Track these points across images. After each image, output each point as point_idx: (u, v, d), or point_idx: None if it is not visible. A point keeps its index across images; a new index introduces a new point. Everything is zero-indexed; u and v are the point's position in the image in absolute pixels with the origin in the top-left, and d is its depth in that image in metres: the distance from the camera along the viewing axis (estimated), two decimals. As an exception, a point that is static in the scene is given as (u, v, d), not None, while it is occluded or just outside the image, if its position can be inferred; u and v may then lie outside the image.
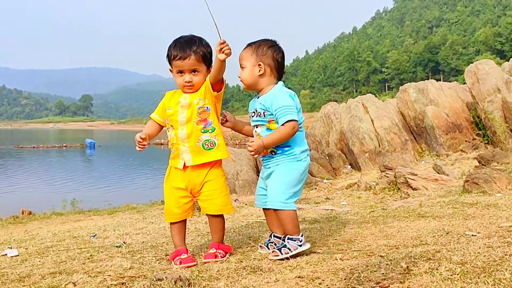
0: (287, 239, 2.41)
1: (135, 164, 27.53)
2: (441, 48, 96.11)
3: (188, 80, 2.51)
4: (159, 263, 2.54)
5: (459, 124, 10.83)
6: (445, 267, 1.90)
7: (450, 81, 15.31)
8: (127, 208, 7.38)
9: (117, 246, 3.19)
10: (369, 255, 2.31)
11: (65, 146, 44.54)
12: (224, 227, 2.64)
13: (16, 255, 3.15)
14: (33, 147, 42.75)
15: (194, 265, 2.41)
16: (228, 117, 2.68)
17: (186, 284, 1.97)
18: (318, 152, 11.56)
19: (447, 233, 2.71)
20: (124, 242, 3.33)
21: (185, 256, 2.45)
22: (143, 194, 12.59)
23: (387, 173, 7.04)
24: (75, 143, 46.57)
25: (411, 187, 5.77)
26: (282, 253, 2.36)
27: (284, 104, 2.40)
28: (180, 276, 2.01)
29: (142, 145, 2.52)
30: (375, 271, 1.95)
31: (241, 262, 2.38)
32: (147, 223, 4.57)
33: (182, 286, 1.95)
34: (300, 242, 2.40)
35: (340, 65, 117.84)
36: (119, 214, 6.45)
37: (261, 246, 2.62)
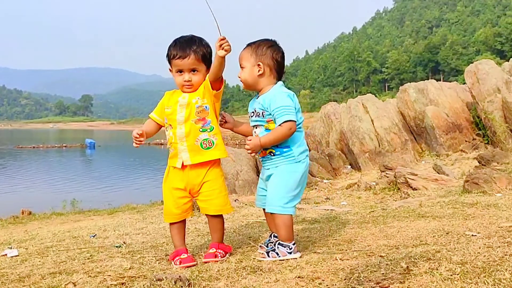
0: (278, 244, 2.41)
1: (135, 164, 27.54)
2: (441, 48, 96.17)
3: (188, 79, 2.51)
4: (159, 263, 2.55)
5: (459, 124, 10.83)
6: (445, 267, 1.90)
7: (450, 81, 15.30)
8: (127, 208, 7.38)
9: (117, 246, 3.19)
10: (369, 255, 2.31)
11: (65, 146, 44.54)
12: (224, 227, 2.65)
13: (16, 255, 3.15)
14: (33, 147, 42.76)
15: (194, 265, 2.41)
16: (227, 118, 2.68)
17: (186, 284, 1.97)
18: (318, 152, 11.56)
19: (447, 233, 2.71)
20: (124, 242, 3.33)
21: (185, 256, 2.45)
22: (143, 194, 12.59)
23: (387, 173, 7.05)
24: (75, 143, 46.57)
25: (411, 187, 5.78)
26: (270, 257, 2.38)
27: (282, 104, 2.40)
28: (180, 276, 2.01)
29: (139, 141, 2.52)
30: (375, 271, 1.95)
31: (241, 262, 2.38)
32: (147, 223, 4.56)
33: (182, 286, 1.95)
34: (290, 250, 2.39)
35: (340, 65, 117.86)
36: (119, 214, 6.45)
37: (261, 246, 2.62)
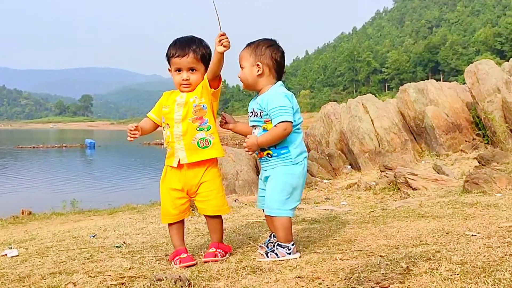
0: (277, 245, 2.41)
1: (135, 164, 27.55)
2: (441, 48, 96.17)
3: (186, 78, 2.51)
4: (159, 263, 2.55)
5: (459, 124, 10.83)
6: (445, 267, 1.90)
7: (450, 81, 15.30)
8: (127, 208, 7.37)
9: (117, 246, 3.19)
10: (369, 255, 2.31)
11: (65, 146, 44.54)
12: (223, 227, 2.65)
13: (16, 255, 3.15)
14: (33, 147, 42.75)
15: (194, 265, 2.41)
16: (227, 119, 2.68)
17: (186, 284, 1.97)
18: (318, 152, 11.56)
19: (447, 233, 2.71)
20: (124, 242, 3.33)
21: (185, 256, 2.45)
22: (143, 194, 12.58)
23: (387, 173, 7.05)
24: (75, 143, 46.56)
25: (411, 187, 5.78)
26: (269, 257, 2.39)
27: (279, 105, 2.39)
28: (180, 276, 2.01)
29: (133, 134, 2.54)
30: (375, 271, 1.95)
31: (241, 262, 2.38)
32: (147, 223, 4.56)
33: (182, 286, 1.95)
34: (289, 251, 2.40)
35: (340, 65, 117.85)
36: (119, 214, 6.44)
37: (261, 246, 2.62)
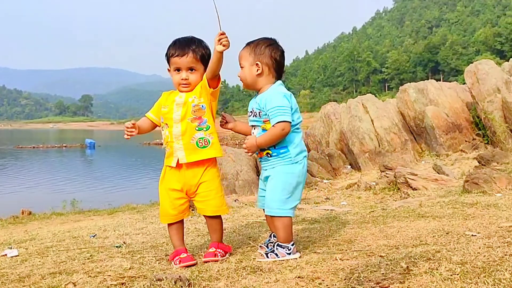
0: (277, 246, 2.41)
1: (135, 164, 27.55)
2: (441, 48, 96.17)
3: (185, 77, 2.51)
4: (159, 263, 2.55)
5: (459, 124, 10.83)
6: (445, 267, 1.90)
7: (450, 81, 15.30)
8: (127, 208, 7.37)
9: (117, 246, 3.19)
10: (369, 255, 2.31)
11: (65, 146, 44.54)
12: (222, 227, 2.65)
13: (16, 255, 3.15)
14: (33, 147, 42.75)
15: (194, 264, 2.41)
16: (228, 118, 2.69)
17: (186, 284, 1.97)
18: (318, 152, 11.56)
19: (447, 233, 2.71)
20: (124, 242, 3.33)
21: (185, 256, 2.45)
22: (143, 194, 12.58)
23: (387, 173, 7.05)
24: (75, 143, 46.56)
25: (411, 187, 5.77)
26: (269, 257, 2.39)
27: (277, 105, 2.39)
28: (180, 276, 2.01)
29: (130, 132, 2.53)
30: (375, 271, 1.95)
31: (241, 262, 2.38)
32: (147, 223, 4.56)
33: (182, 286, 1.95)
34: (289, 251, 2.40)
35: (340, 65, 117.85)
36: (119, 214, 6.44)
37: (261, 246, 2.62)
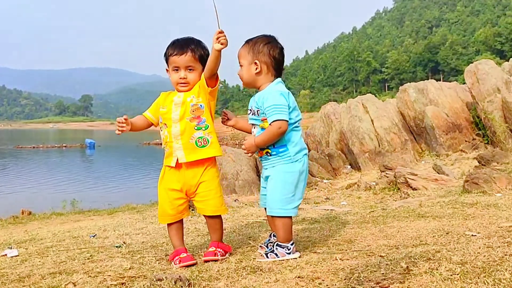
0: (276, 245, 2.41)
1: (135, 164, 27.55)
2: (441, 48, 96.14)
3: (183, 77, 2.52)
4: (159, 263, 2.55)
5: (459, 124, 10.84)
6: (445, 267, 1.90)
7: (450, 81, 15.30)
8: (127, 208, 7.36)
9: (117, 246, 3.19)
10: (369, 255, 2.31)
11: (65, 146, 44.55)
12: (222, 227, 2.65)
13: (16, 255, 3.15)
14: (33, 147, 42.77)
15: (194, 264, 2.41)
16: (229, 116, 2.69)
17: (186, 284, 1.97)
18: (318, 152, 11.57)
19: (447, 233, 2.71)
20: (124, 242, 3.33)
21: (184, 255, 2.45)
22: (143, 194, 12.58)
23: (387, 173, 7.05)
24: (75, 143, 46.57)
25: (411, 187, 5.78)
26: (269, 258, 2.39)
27: (273, 103, 2.38)
28: (180, 276, 2.01)
29: (121, 127, 2.53)
30: (375, 271, 1.95)
31: (241, 262, 2.38)
32: (147, 223, 4.56)
33: (182, 286, 1.95)
34: (289, 250, 2.40)
35: (340, 65, 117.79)
36: (119, 214, 6.44)
37: (261, 246, 2.62)
